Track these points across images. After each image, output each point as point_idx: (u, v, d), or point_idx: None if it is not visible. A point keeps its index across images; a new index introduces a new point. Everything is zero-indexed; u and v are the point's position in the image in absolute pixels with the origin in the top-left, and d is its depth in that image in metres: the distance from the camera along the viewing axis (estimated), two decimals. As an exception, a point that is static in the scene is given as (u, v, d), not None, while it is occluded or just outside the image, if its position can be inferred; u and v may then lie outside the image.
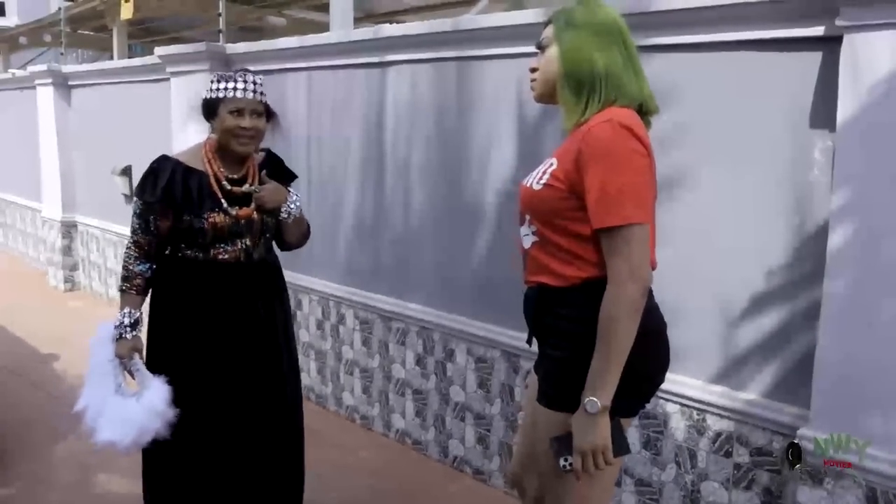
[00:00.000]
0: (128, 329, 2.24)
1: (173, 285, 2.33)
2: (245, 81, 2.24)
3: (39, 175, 6.81)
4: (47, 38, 10.13)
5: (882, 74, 1.94)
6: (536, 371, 1.79)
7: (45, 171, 6.70)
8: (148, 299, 2.38)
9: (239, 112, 2.23)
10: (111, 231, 5.98)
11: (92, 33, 9.81)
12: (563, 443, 1.59)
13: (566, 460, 1.59)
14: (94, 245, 6.31)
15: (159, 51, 4.76)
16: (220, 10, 5.34)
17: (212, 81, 2.27)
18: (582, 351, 1.57)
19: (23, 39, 10.54)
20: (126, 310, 2.26)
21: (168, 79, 4.81)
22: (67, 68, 6.43)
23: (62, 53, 8.35)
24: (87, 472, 3.22)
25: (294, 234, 2.46)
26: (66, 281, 6.59)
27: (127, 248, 2.32)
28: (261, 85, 2.28)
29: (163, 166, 2.29)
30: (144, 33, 9.55)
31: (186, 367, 2.28)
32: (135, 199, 2.31)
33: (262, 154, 2.44)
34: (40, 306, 6.07)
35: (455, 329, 3.24)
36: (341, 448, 3.47)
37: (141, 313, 2.28)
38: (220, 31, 5.36)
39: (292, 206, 2.37)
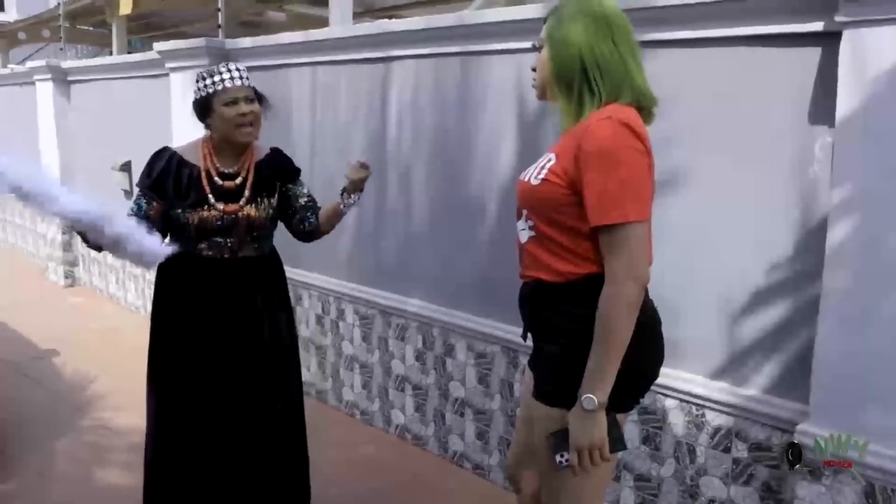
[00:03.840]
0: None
1: (167, 280, 2.37)
2: (230, 70, 2.25)
3: (39, 171, 6.80)
4: (46, 33, 10.11)
5: (881, 70, 1.94)
6: (531, 367, 1.79)
7: (44, 166, 6.68)
8: (152, 293, 2.43)
9: (234, 101, 2.23)
10: (111, 227, 5.97)
11: (91, 28, 9.79)
12: (560, 439, 1.59)
13: (563, 456, 1.59)
14: (93, 241, 6.29)
15: (159, 46, 4.76)
16: (220, 6, 5.32)
17: (197, 81, 2.28)
18: (578, 347, 1.57)
19: (21, 35, 10.52)
20: None
21: (167, 74, 4.81)
22: (67, 64, 6.43)
23: (61, 49, 8.34)
24: (87, 467, 3.22)
25: (332, 224, 2.47)
26: (65, 276, 6.60)
27: None
28: (245, 70, 2.30)
29: (160, 156, 2.34)
30: (144, 28, 9.52)
31: (179, 362, 2.32)
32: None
33: (265, 150, 2.44)
34: (40, 302, 6.07)
35: (455, 325, 3.25)
36: (341, 443, 3.48)
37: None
38: (219, 27, 5.35)
39: (356, 199, 2.37)
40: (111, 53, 8.50)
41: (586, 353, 1.55)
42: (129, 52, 7.91)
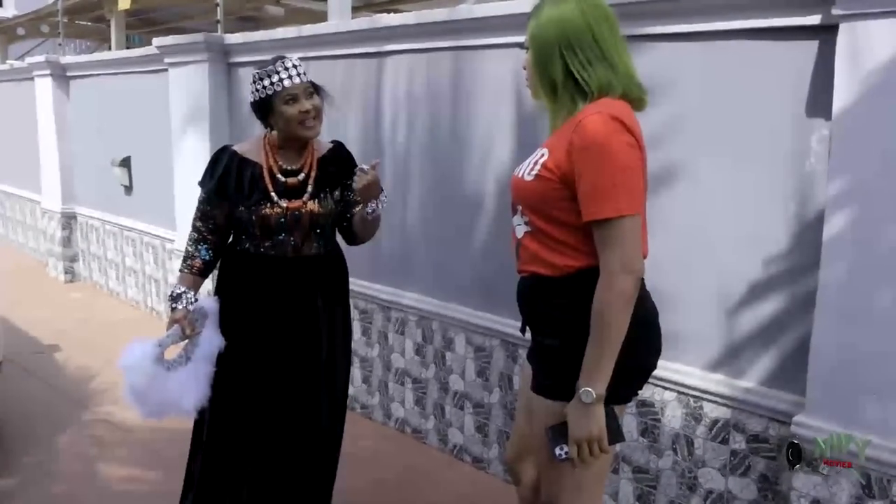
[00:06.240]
0: (169, 301, 2.28)
1: (230, 277, 2.38)
2: (287, 69, 2.21)
3: (39, 166, 6.82)
4: (45, 28, 10.09)
5: (878, 63, 1.94)
6: (530, 360, 1.80)
7: (44, 162, 6.70)
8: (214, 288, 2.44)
9: (294, 98, 2.21)
10: (111, 222, 5.99)
11: (90, 24, 9.78)
12: (559, 432, 1.61)
13: (562, 449, 1.61)
14: (93, 236, 6.32)
15: (157, 41, 4.76)
16: (218, 0, 5.32)
17: (253, 82, 2.25)
18: (576, 340, 1.58)
19: (20, 30, 10.50)
20: (175, 285, 2.31)
21: (166, 69, 4.81)
22: (66, 59, 6.42)
23: (60, 44, 8.33)
24: (89, 462, 3.24)
25: (368, 232, 2.41)
26: (66, 272, 6.61)
27: (189, 233, 2.37)
28: (301, 66, 2.26)
29: (221, 156, 2.33)
30: (142, 24, 9.51)
31: (236, 361, 2.31)
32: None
33: (327, 144, 2.42)
34: (41, 298, 6.08)
35: (454, 318, 3.26)
36: (341, 437, 3.49)
37: (188, 290, 2.27)
38: (217, 22, 5.35)
39: (379, 205, 2.25)
40: (110, 49, 8.49)
41: (584, 347, 1.56)
42: (127, 48, 7.91)
